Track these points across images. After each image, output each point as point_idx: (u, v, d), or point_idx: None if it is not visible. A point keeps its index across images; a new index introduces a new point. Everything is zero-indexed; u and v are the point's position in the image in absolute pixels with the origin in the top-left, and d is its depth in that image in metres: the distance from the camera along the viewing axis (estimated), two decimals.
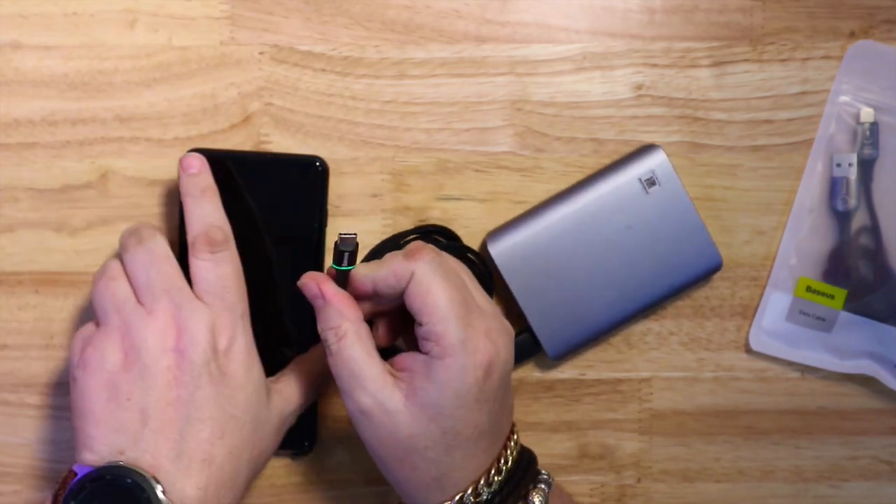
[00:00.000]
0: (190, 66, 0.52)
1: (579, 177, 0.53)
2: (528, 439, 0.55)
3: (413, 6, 0.52)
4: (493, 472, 0.43)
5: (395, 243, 0.52)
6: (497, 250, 0.51)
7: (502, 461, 0.44)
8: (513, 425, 0.46)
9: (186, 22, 0.51)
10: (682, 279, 0.52)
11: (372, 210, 0.53)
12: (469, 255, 0.52)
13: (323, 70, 0.52)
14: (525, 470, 0.45)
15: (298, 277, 0.44)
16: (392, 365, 0.43)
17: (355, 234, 0.43)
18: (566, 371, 0.54)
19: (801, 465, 0.55)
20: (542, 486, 0.45)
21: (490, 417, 0.43)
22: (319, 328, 0.42)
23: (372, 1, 0.52)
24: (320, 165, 0.51)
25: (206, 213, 0.46)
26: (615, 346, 0.54)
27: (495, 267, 0.51)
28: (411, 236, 0.52)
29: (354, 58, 0.52)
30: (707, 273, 0.52)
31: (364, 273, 0.43)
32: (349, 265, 0.44)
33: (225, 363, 0.43)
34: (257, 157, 0.51)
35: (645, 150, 0.51)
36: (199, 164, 0.47)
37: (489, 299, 0.45)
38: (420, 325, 0.42)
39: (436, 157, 0.53)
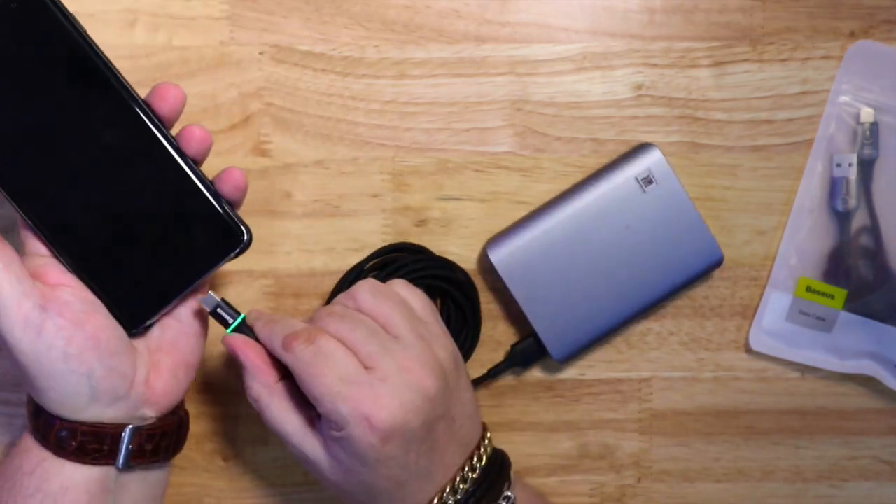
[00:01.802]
0: (190, 66, 0.52)
1: (579, 177, 0.53)
2: (528, 439, 0.55)
3: (413, 6, 0.52)
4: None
5: (359, 271, 0.52)
6: (498, 257, 0.51)
7: (447, 491, 0.44)
8: (473, 452, 0.46)
9: (186, 22, 0.51)
10: (684, 276, 0.52)
11: (372, 210, 0.53)
12: (438, 270, 0.51)
13: (323, 70, 0.52)
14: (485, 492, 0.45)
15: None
16: None
17: (208, 294, 0.45)
18: (566, 371, 0.54)
19: (801, 465, 0.55)
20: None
21: (406, 469, 0.43)
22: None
23: (372, 1, 0.52)
24: None
25: None
26: (615, 346, 0.54)
27: (496, 273, 0.51)
28: (373, 261, 0.52)
29: (354, 58, 0.52)
30: (708, 268, 0.52)
31: (241, 345, 0.45)
32: (234, 319, 0.45)
33: None
34: None
35: (640, 148, 0.51)
36: None
37: (419, 329, 0.45)
38: None
39: (436, 157, 0.53)
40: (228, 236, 0.45)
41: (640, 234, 0.51)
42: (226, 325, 0.46)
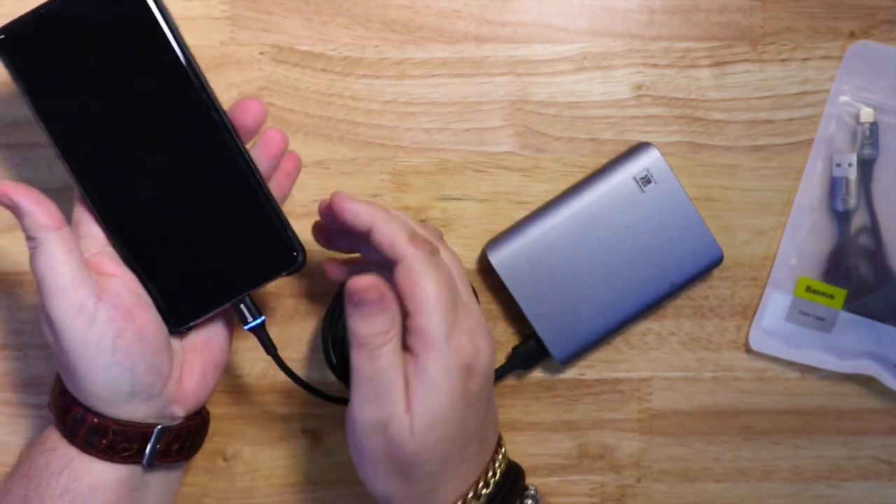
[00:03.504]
0: None
1: (579, 177, 0.53)
2: (528, 439, 0.55)
3: (413, 6, 0.52)
4: (480, 484, 0.44)
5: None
6: (497, 259, 0.51)
7: (490, 473, 0.44)
8: (500, 438, 0.46)
9: (186, 22, 0.51)
10: (684, 275, 0.52)
11: None
12: None
13: (323, 70, 0.52)
14: (512, 484, 0.46)
15: (192, 133, 0.43)
16: None
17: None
18: (566, 371, 0.54)
19: (800, 465, 0.55)
20: (530, 501, 0.46)
21: (476, 421, 0.43)
22: (365, 330, 0.41)
23: (372, 1, 0.52)
24: None
25: None
26: (615, 346, 0.54)
27: (497, 275, 0.51)
28: None
29: (354, 58, 0.52)
30: (708, 267, 0.52)
31: (368, 212, 0.43)
32: (253, 319, 0.46)
33: None
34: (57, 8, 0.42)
35: (638, 148, 0.51)
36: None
37: (475, 300, 0.45)
38: (407, 314, 0.42)
39: (436, 157, 0.53)
40: (284, 255, 0.45)
41: (640, 234, 0.51)
42: (245, 321, 0.46)
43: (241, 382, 0.54)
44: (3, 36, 0.42)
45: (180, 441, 0.46)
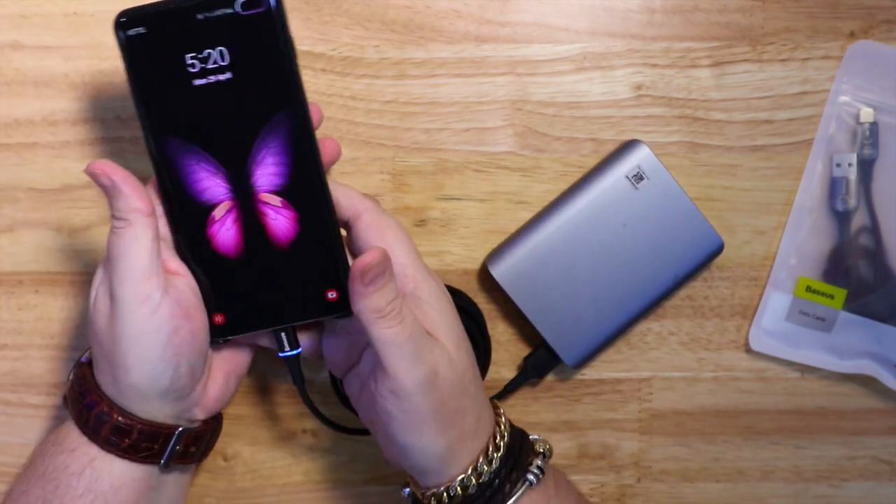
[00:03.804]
0: None
1: (579, 177, 0.53)
2: None
3: (413, 6, 0.52)
4: (501, 411, 0.46)
5: None
6: (499, 271, 0.51)
7: (503, 415, 0.46)
8: (493, 434, 0.46)
9: None
10: (687, 267, 0.52)
11: None
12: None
13: (323, 70, 0.52)
14: (523, 436, 0.47)
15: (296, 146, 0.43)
16: None
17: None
18: (566, 371, 0.54)
19: (800, 465, 0.55)
20: (539, 439, 0.47)
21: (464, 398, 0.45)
22: (385, 300, 0.41)
23: (372, 1, 0.52)
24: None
25: None
26: (615, 346, 0.54)
27: (500, 288, 0.51)
28: None
29: (354, 58, 0.52)
30: (710, 256, 0.52)
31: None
32: (291, 348, 0.46)
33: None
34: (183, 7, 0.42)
35: (627, 146, 0.51)
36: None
37: None
38: None
39: (436, 157, 0.53)
40: (339, 298, 0.44)
41: (638, 232, 0.51)
42: (282, 349, 0.46)
43: (242, 382, 0.54)
44: (123, 19, 0.42)
45: (197, 444, 0.46)
